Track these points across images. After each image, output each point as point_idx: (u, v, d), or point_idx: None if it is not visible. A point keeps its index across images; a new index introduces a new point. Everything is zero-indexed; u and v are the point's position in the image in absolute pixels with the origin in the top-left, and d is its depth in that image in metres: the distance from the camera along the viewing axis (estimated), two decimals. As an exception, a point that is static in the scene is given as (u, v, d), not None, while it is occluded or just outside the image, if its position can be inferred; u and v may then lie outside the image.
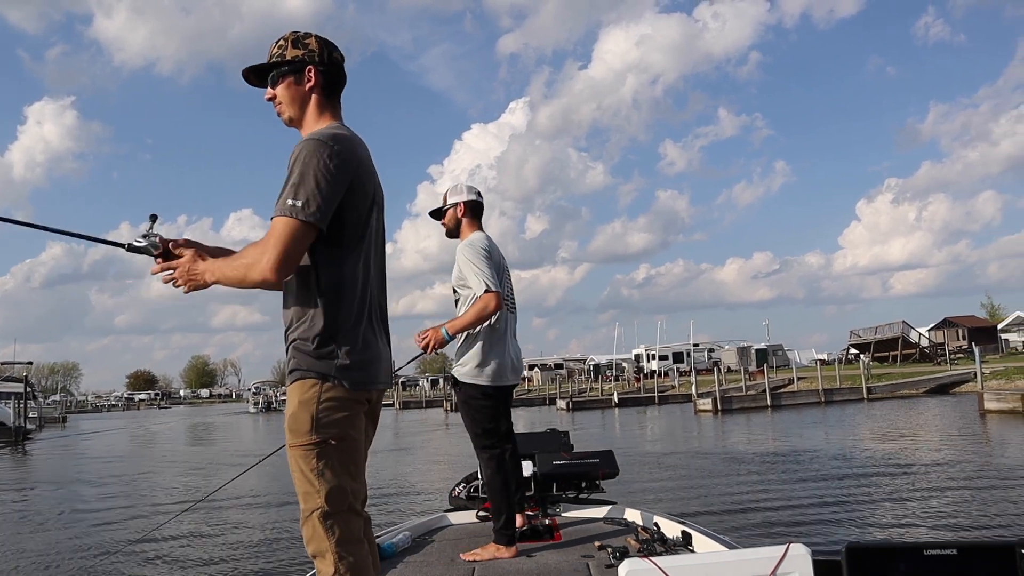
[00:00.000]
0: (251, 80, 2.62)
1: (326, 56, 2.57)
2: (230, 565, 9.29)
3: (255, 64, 2.59)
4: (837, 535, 9.15)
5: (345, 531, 2.34)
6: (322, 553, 2.33)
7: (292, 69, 2.54)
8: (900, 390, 40.13)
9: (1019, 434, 20.25)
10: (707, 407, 37.19)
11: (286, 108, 2.57)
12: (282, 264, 2.26)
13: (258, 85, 2.62)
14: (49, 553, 10.40)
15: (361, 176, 2.44)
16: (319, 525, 2.32)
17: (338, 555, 2.31)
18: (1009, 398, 26.08)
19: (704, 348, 70.43)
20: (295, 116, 2.58)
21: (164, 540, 10.82)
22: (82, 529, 12.24)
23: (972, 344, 47.35)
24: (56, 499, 16.30)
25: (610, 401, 49.64)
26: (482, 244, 4.25)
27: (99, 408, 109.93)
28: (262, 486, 15.37)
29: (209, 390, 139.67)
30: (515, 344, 4.45)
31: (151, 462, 25.35)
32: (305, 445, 2.34)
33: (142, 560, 9.80)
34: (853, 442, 20.08)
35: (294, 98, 2.55)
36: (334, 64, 2.59)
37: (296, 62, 2.54)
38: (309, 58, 2.54)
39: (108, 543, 10.89)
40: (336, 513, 2.33)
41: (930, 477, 13.38)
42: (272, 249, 2.25)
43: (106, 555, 10.08)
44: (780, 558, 2.34)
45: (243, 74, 2.60)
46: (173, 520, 11.61)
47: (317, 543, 2.33)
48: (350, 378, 2.38)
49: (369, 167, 2.52)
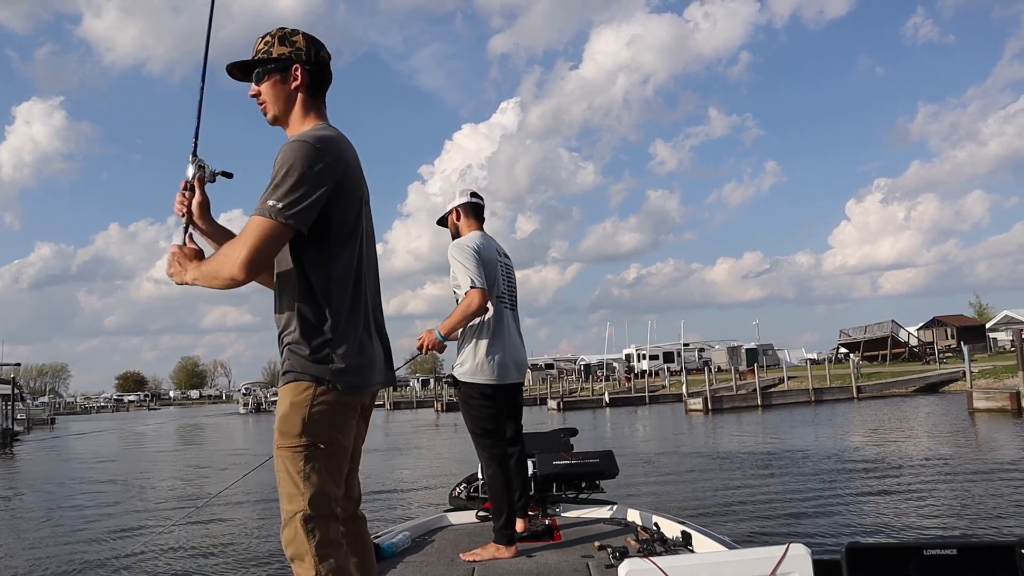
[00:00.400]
0: (235, 75, 2.58)
1: (313, 55, 2.53)
2: (230, 565, 9.22)
3: (240, 60, 2.55)
4: (833, 535, 9.14)
5: (325, 535, 2.32)
6: (301, 556, 2.30)
7: (278, 67, 2.51)
8: (890, 389, 40.29)
9: (1009, 433, 20.32)
10: (698, 407, 37.24)
11: (271, 106, 2.54)
12: (251, 263, 2.24)
13: (242, 79, 2.58)
14: (30, 559, 10.30)
15: (348, 177, 2.42)
16: (300, 528, 2.30)
17: (318, 558, 2.29)
18: (998, 397, 26.19)
19: (694, 348, 70.59)
20: (279, 114, 2.55)
21: (158, 544, 10.74)
22: (66, 532, 12.14)
23: (961, 343, 47.57)
24: (40, 502, 16.19)
25: (601, 401, 49.77)
26: (470, 242, 4.31)
27: (88, 410, 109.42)
28: (257, 488, 15.29)
29: (199, 391, 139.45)
30: (518, 342, 4.46)
31: (141, 464, 25.23)
32: (294, 447, 2.33)
33: (131, 564, 9.71)
34: (846, 441, 20.13)
35: (279, 96, 2.52)
36: (321, 63, 2.56)
37: (282, 60, 2.51)
38: (296, 56, 2.51)
39: (94, 549, 10.80)
40: (318, 517, 2.31)
41: (924, 477, 13.40)
42: (242, 247, 2.24)
43: (92, 564, 9.99)
44: (780, 558, 2.34)
45: (227, 69, 2.56)
46: (170, 525, 11.54)
47: (297, 546, 2.31)
48: (344, 382, 2.36)
49: (356, 168, 2.50)
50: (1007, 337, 55.73)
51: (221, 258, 2.32)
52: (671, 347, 70.71)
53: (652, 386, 54.36)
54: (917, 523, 9.69)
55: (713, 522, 9.29)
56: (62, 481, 20.22)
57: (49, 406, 79.76)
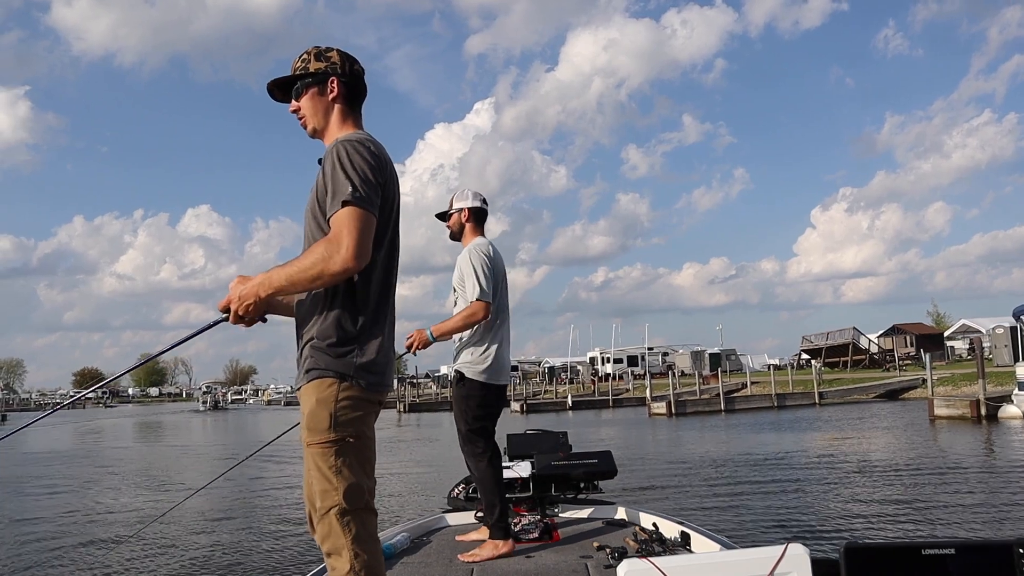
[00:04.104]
0: (275, 95, 2.70)
1: (348, 68, 2.66)
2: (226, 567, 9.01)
3: (279, 76, 2.66)
4: (828, 535, 9.18)
5: (361, 529, 2.37)
6: (338, 551, 2.34)
7: (316, 80, 2.63)
8: (851, 395, 40.84)
9: (970, 439, 20.67)
10: (661, 410, 37.55)
11: (310, 119, 2.64)
12: (362, 251, 2.29)
13: (282, 100, 2.70)
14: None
15: (391, 180, 2.52)
16: (336, 522, 2.34)
17: (354, 552, 2.33)
18: (958, 404, 26.59)
19: (659, 352, 71.19)
20: (319, 126, 2.64)
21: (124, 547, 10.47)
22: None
23: (920, 351, 48.32)
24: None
25: (564, 404, 49.93)
26: (487, 251, 4.39)
27: (43, 406, 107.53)
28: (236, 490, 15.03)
29: (159, 388, 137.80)
30: (508, 348, 4.56)
31: (86, 461, 24.77)
32: (324, 443, 2.37)
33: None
34: (812, 446, 20.32)
35: (318, 108, 2.63)
36: (355, 76, 2.68)
37: (319, 74, 2.62)
38: (332, 70, 2.63)
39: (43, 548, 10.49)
40: (353, 510, 2.36)
41: (891, 480, 13.54)
42: (348, 237, 2.28)
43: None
44: (778, 558, 2.32)
45: (268, 88, 2.68)
46: (139, 527, 11.29)
47: (333, 540, 2.35)
48: (367, 379, 2.43)
49: (395, 173, 2.58)
50: (964, 345, 56.85)
51: (316, 257, 2.30)
52: (635, 351, 71.23)
53: (616, 389, 54.64)
54: (911, 526, 9.75)
55: (703, 523, 9.27)
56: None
57: (1, 402, 78.42)
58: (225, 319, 2.47)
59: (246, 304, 2.40)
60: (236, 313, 2.42)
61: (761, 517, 10.58)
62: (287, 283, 2.35)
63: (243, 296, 2.40)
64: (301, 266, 2.32)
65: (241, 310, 2.41)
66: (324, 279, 2.31)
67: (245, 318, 2.43)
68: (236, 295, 2.41)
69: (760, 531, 9.58)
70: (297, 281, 2.33)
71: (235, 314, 2.42)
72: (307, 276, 2.31)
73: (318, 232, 2.46)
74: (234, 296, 2.42)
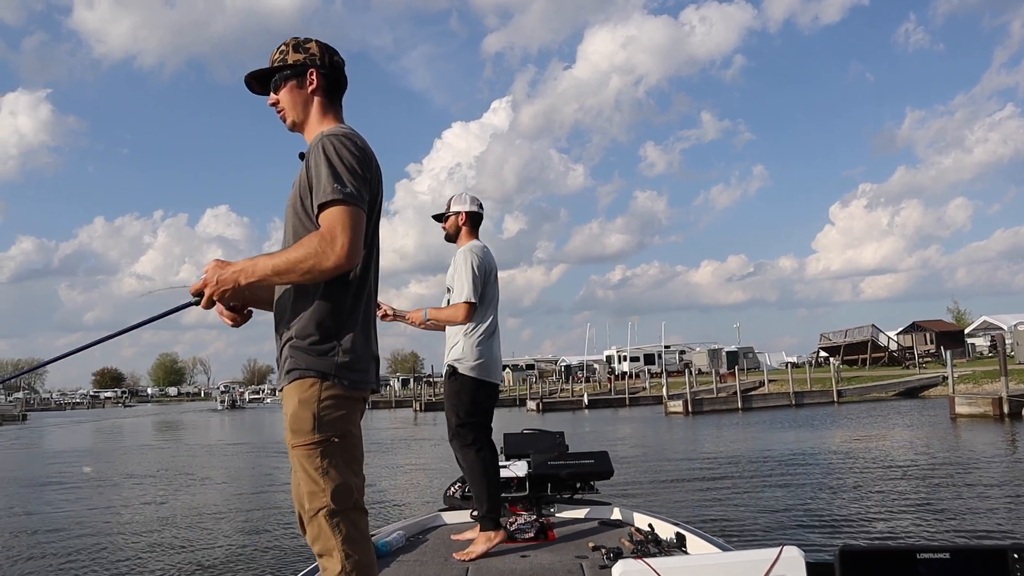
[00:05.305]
0: (253, 88, 2.63)
1: (327, 59, 2.59)
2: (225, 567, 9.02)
3: (257, 69, 2.60)
4: (827, 537, 9.09)
5: (351, 529, 2.34)
6: (329, 551, 2.32)
7: (294, 73, 2.56)
8: (870, 393, 40.52)
9: (995, 439, 20.35)
10: (678, 409, 37.40)
11: (289, 112, 2.58)
12: (355, 249, 2.26)
13: (261, 92, 2.63)
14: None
15: (375, 175, 2.47)
16: (326, 523, 2.31)
17: (345, 553, 2.30)
18: (980, 402, 26.25)
19: (675, 350, 70.92)
20: (298, 119, 2.58)
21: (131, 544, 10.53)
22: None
23: (941, 348, 47.90)
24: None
25: (581, 402, 49.86)
26: (479, 254, 4.49)
27: (63, 406, 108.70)
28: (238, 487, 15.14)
29: (177, 388, 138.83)
30: (499, 344, 4.64)
31: (104, 457, 24.95)
32: (309, 444, 2.33)
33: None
34: (829, 445, 20.13)
35: (296, 101, 2.57)
36: (335, 67, 2.61)
37: (298, 66, 2.56)
38: (311, 61, 2.56)
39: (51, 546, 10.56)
40: (342, 511, 2.32)
41: (913, 482, 13.36)
42: (343, 235, 2.23)
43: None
44: (773, 560, 2.29)
45: (245, 81, 2.61)
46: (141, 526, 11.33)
47: (324, 541, 2.32)
48: (349, 378, 2.39)
49: (379, 168, 2.54)
50: (985, 342, 56.35)
51: (307, 251, 2.24)
52: (652, 349, 70.99)
53: (632, 388, 54.52)
54: (911, 527, 9.62)
55: (704, 524, 9.21)
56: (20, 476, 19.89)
57: (21, 402, 79.29)
58: (196, 303, 2.37)
59: (222, 289, 2.31)
60: (209, 298, 2.34)
61: (773, 517, 10.48)
62: (272, 273, 2.28)
63: (221, 280, 2.31)
64: (291, 258, 2.24)
65: (216, 295, 2.33)
66: (314, 274, 2.25)
67: (218, 303, 2.37)
68: (213, 278, 2.32)
69: (769, 532, 9.49)
70: (284, 273, 2.27)
71: (208, 299, 2.34)
72: (298, 269, 2.24)
73: (300, 228, 2.41)
74: (211, 279, 2.32)
